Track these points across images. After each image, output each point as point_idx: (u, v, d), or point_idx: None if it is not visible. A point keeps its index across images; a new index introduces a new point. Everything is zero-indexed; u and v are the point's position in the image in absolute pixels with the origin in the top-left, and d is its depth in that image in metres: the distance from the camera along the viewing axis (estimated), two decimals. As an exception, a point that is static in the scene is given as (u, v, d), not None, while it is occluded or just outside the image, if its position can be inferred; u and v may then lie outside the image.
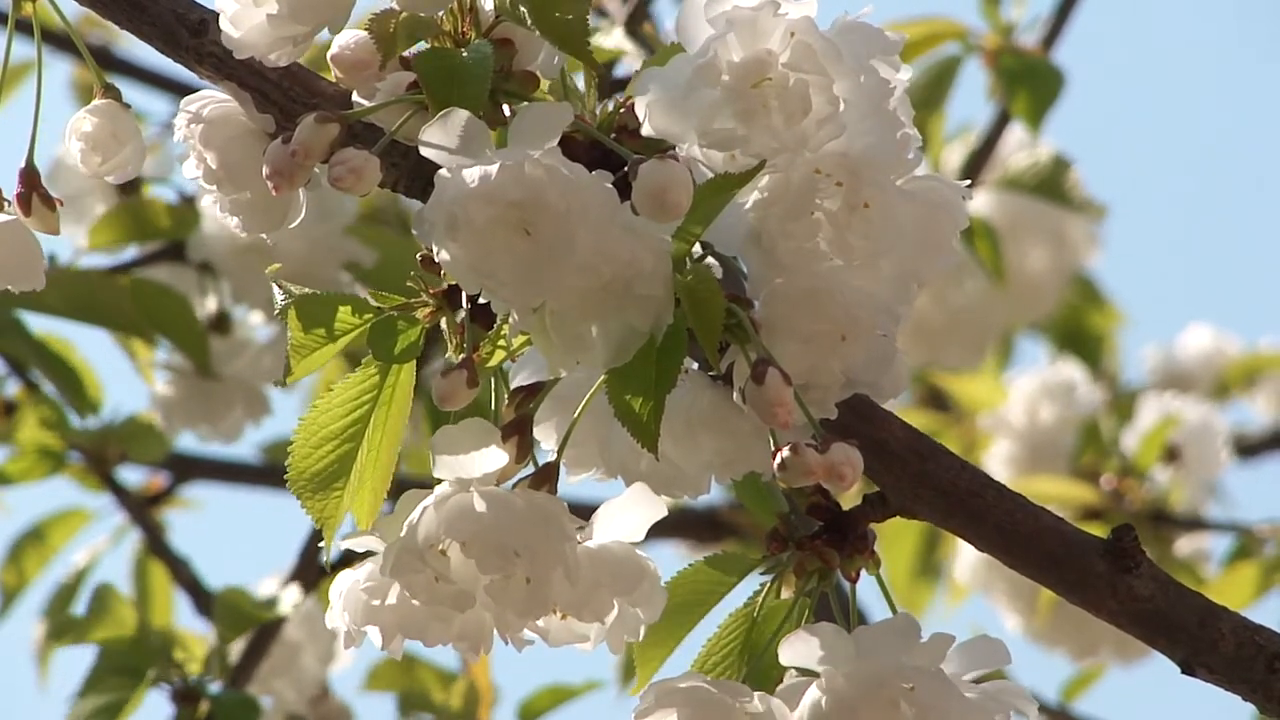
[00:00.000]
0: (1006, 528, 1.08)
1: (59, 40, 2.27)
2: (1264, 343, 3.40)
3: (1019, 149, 2.66)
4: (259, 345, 2.08)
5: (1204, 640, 1.09)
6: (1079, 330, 3.15)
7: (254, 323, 2.09)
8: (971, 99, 2.90)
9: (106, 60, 2.50)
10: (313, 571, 2.09)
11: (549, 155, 1.00)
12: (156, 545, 2.26)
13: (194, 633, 2.05)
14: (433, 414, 1.75)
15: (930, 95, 2.42)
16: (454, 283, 1.07)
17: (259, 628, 2.05)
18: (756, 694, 1.04)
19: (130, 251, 2.07)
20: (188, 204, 2.04)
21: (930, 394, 3.01)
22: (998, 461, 2.74)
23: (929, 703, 1.02)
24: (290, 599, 2.04)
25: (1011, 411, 2.75)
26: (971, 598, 2.76)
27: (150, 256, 2.07)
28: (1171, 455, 2.69)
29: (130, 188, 2.06)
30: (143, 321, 1.97)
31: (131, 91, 2.55)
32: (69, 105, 2.81)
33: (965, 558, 2.65)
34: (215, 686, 1.97)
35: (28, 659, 2.37)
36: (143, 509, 2.29)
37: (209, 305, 2.08)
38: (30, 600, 2.37)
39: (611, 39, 1.83)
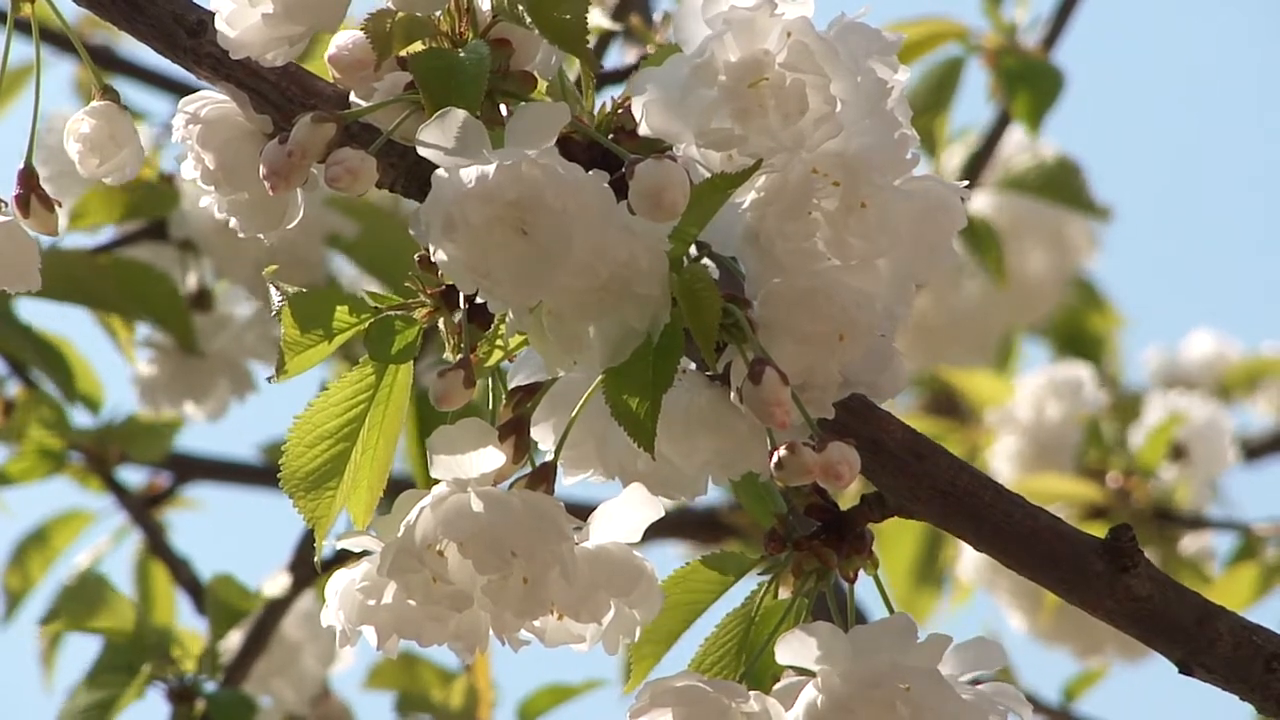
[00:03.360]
0: (1004, 527, 1.08)
1: (62, 41, 2.27)
2: (1266, 346, 3.40)
3: (1021, 149, 2.66)
4: (241, 321, 2.08)
5: (1201, 640, 1.09)
6: (1079, 333, 3.15)
7: (236, 298, 2.09)
8: (972, 99, 2.90)
9: (109, 60, 2.50)
10: (309, 568, 2.09)
11: (546, 155, 1.00)
12: (157, 546, 2.26)
13: (192, 630, 2.05)
14: (422, 412, 1.75)
15: (935, 99, 2.42)
16: (451, 283, 1.07)
17: (255, 625, 2.06)
18: (753, 693, 1.04)
19: (110, 231, 2.07)
20: (167, 182, 2.04)
21: (937, 399, 3.01)
22: (1003, 458, 2.74)
23: (925, 703, 1.02)
24: (277, 585, 2.04)
25: (1018, 408, 2.74)
26: (977, 599, 2.76)
27: (131, 236, 2.07)
28: (1178, 453, 2.68)
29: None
30: (125, 300, 1.97)
31: (134, 92, 2.56)
32: (72, 105, 2.82)
33: (968, 556, 2.65)
34: (211, 685, 1.97)
35: (33, 661, 2.38)
36: (144, 510, 2.29)
37: (190, 283, 2.08)
38: (37, 603, 2.37)
39: (590, 19, 1.82)
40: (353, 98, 1.08)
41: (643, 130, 1.03)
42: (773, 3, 1.01)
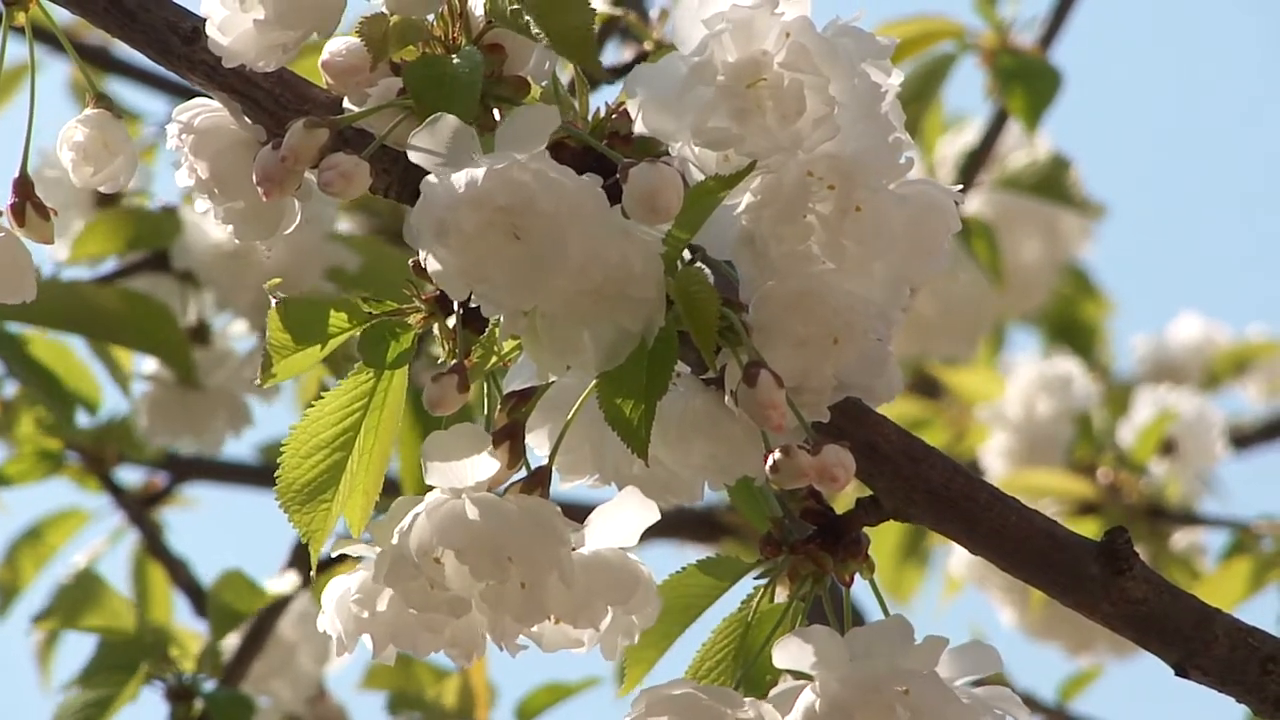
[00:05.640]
0: (1000, 531, 1.08)
1: (58, 42, 2.26)
2: (1253, 331, 3.40)
3: (1017, 148, 2.66)
4: (240, 356, 2.07)
5: (1197, 642, 1.08)
6: (1072, 321, 3.15)
7: (235, 333, 2.09)
8: (971, 99, 2.90)
9: (105, 61, 2.50)
10: (308, 568, 2.08)
11: (536, 159, 1.00)
12: (155, 546, 2.26)
13: (190, 629, 2.05)
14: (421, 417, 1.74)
15: (922, 90, 2.41)
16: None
17: (253, 625, 2.05)
18: (748, 700, 1.04)
19: (111, 263, 2.07)
20: (168, 213, 2.04)
21: (920, 381, 3.01)
22: (994, 454, 2.74)
23: (925, 706, 1.01)
24: (283, 584, 2.04)
25: (1008, 405, 2.75)
26: (966, 591, 2.76)
27: (132, 267, 2.06)
28: (1168, 448, 2.68)
29: (109, 198, 2.04)
30: (126, 332, 1.97)
31: (131, 92, 2.56)
32: (67, 106, 2.82)
33: (960, 551, 2.65)
34: (210, 685, 1.97)
35: (28, 661, 2.38)
36: (141, 509, 2.29)
37: (190, 316, 2.08)
38: (30, 601, 2.37)
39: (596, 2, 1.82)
40: (346, 103, 1.08)
41: (638, 128, 1.03)
42: (773, 1, 1.01)
